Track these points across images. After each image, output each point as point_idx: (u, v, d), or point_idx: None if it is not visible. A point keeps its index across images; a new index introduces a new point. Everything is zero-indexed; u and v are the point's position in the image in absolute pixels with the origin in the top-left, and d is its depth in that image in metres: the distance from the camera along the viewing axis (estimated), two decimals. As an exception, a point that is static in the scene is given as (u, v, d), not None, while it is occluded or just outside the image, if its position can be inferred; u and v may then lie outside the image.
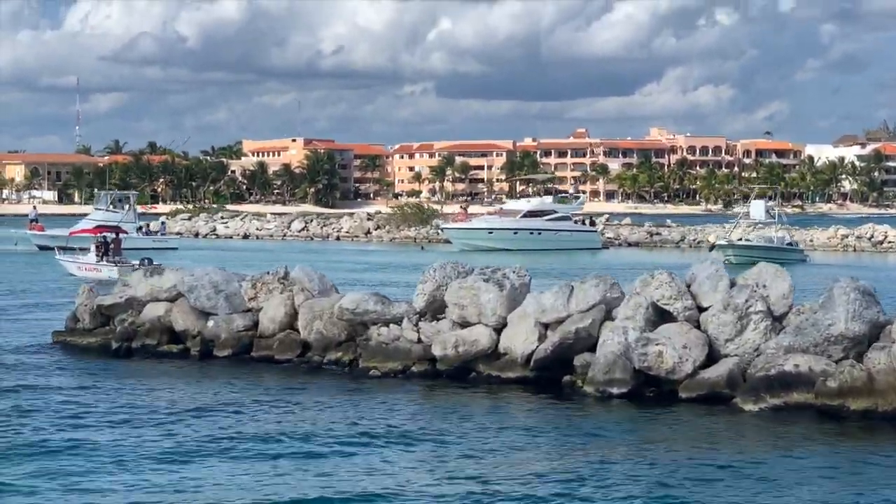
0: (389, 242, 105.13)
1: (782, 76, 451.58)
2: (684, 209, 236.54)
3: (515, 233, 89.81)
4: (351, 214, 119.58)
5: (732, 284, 25.18)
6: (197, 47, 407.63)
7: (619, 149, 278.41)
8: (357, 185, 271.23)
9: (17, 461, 19.47)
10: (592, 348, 25.49)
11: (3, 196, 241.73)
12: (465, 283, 27.30)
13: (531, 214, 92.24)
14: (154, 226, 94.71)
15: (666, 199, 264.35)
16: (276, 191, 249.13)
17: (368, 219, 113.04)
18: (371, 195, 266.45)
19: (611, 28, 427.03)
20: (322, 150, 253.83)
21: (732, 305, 24.15)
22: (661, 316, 24.96)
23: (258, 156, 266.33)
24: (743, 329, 24.07)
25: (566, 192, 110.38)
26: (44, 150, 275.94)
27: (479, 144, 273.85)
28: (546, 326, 26.22)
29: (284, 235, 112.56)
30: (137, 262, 59.11)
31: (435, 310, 27.95)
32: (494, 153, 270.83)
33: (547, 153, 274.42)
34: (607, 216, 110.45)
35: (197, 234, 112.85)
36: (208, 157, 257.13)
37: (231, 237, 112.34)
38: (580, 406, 24.18)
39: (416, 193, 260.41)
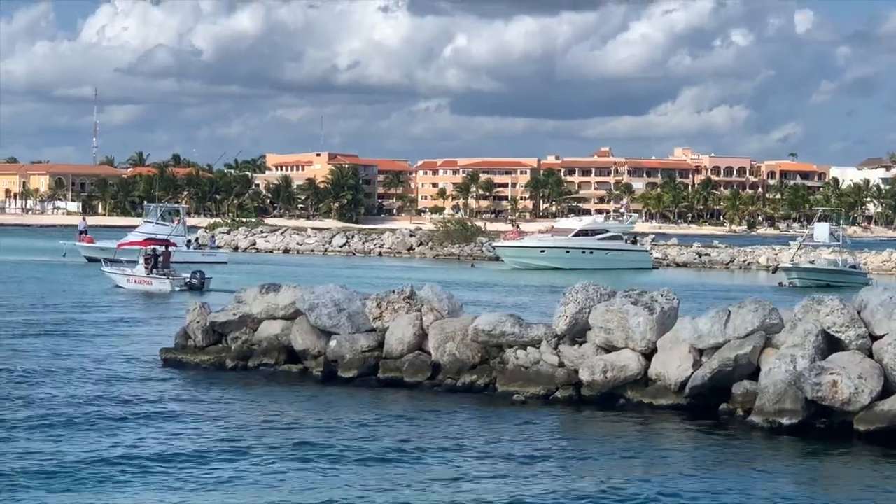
0: (433, 259, 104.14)
1: (797, 97, 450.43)
2: (708, 230, 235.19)
3: (567, 251, 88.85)
4: (393, 230, 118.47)
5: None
6: (212, 60, 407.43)
7: (644, 168, 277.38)
8: (380, 200, 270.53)
9: (151, 485, 18.81)
10: (751, 376, 24.43)
11: (28, 206, 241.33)
12: (612, 306, 26.24)
13: (583, 233, 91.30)
14: (203, 239, 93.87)
15: (690, 219, 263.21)
16: (300, 205, 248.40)
17: (411, 235, 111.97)
18: (394, 211, 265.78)
19: (626, 47, 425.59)
20: (346, 165, 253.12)
21: (910, 334, 23.05)
22: (830, 344, 23.87)
23: (281, 170, 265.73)
24: (921, 359, 22.95)
25: (618, 211, 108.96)
26: (59, 160, 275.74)
27: (504, 162, 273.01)
28: (701, 352, 25.14)
29: (326, 251, 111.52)
30: (188, 276, 58.43)
31: (575, 333, 26.88)
32: (519, 171, 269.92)
33: (571, 171, 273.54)
34: (653, 236, 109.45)
35: (237, 248, 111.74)
36: (232, 171, 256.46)
37: (271, 251, 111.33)
38: (744, 436, 23.14)
39: (440, 210, 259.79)
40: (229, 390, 27.33)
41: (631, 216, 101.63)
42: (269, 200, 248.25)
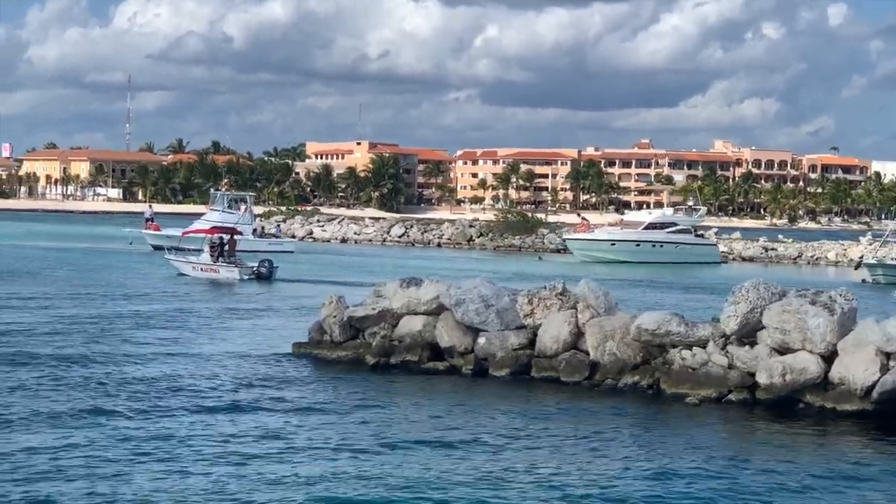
0: (493, 250, 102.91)
1: (829, 91, 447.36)
2: (749, 223, 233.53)
3: (638, 245, 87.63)
4: (452, 221, 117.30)
5: None
6: (243, 48, 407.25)
7: (684, 160, 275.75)
8: (420, 190, 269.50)
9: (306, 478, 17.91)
10: (944, 382, 23.29)
11: (68, 192, 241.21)
12: (789, 306, 25.07)
13: (652, 227, 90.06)
14: (269, 228, 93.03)
15: (731, 212, 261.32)
16: (340, 194, 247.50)
17: (470, 226, 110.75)
18: (433, 201, 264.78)
19: (657, 39, 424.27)
20: (387, 155, 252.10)
21: None
22: None
23: (321, 158, 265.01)
24: None
25: (686, 203, 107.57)
26: (90, 146, 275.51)
27: (544, 153, 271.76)
28: (888, 356, 23.98)
29: (384, 240, 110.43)
30: (256, 264, 57.57)
31: (744, 333, 25.73)
32: (559, 162, 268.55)
33: (611, 163, 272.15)
34: (716, 229, 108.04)
35: (293, 237, 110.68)
36: (272, 159, 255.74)
37: (328, 241, 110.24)
38: (941, 446, 21.98)
39: (479, 200, 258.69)
40: (375, 387, 26.35)
41: (699, 209, 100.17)
42: (309, 189, 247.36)
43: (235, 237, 61.28)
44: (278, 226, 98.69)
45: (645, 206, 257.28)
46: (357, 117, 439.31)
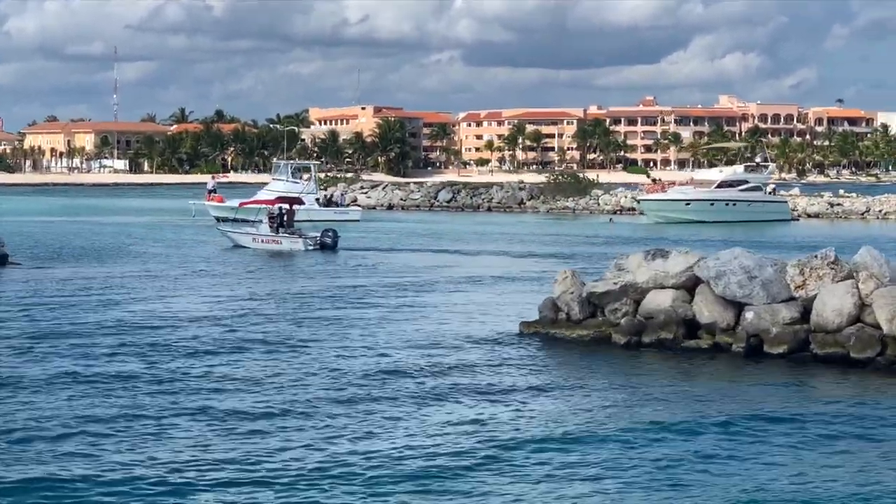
0: (546, 213, 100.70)
1: (811, 43, 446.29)
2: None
3: (712, 204, 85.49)
4: (501, 185, 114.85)
5: None
6: (222, 15, 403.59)
7: (690, 117, 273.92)
8: (425, 153, 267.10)
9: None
10: None
11: (74, 164, 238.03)
12: None
13: (725, 185, 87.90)
14: (334, 196, 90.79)
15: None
16: (347, 159, 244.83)
17: (520, 189, 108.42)
18: (438, 164, 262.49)
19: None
20: (393, 119, 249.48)
21: None
22: None
23: (325, 124, 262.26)
24: None
25: (754, 161, 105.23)
26: (75, 118, 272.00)
27: (549, 112, 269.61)
28: None
29: (432, 206, 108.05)
30: (318, 234, 55.78)
31: None
32: (565, 121, 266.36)
33: (616, 121, 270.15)
34: (773, 186, 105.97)
35: (337, 204, 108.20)
36: (277, 126, 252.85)
37: (374, 207, 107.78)
38: None
39: (485, 162, 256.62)
40: (638, 368, 24.29)
41: (767, 166, 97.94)
42: (315, 155, 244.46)
43: (294, 207, 59.34)
44: (342, 194, 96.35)
45: (652, 164, 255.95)
46: (340, 81, 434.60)
